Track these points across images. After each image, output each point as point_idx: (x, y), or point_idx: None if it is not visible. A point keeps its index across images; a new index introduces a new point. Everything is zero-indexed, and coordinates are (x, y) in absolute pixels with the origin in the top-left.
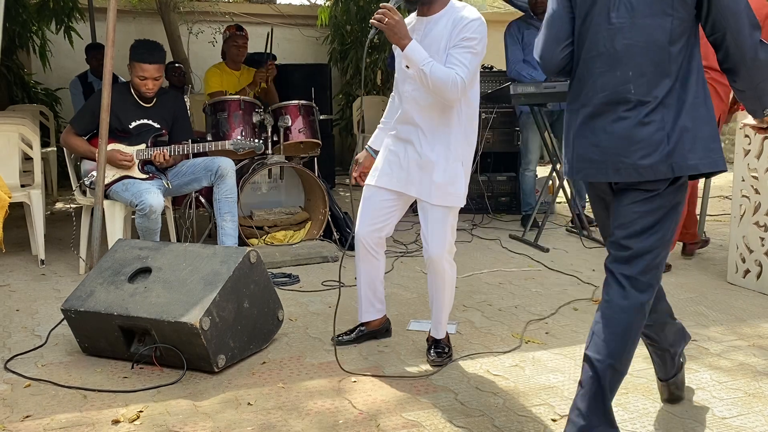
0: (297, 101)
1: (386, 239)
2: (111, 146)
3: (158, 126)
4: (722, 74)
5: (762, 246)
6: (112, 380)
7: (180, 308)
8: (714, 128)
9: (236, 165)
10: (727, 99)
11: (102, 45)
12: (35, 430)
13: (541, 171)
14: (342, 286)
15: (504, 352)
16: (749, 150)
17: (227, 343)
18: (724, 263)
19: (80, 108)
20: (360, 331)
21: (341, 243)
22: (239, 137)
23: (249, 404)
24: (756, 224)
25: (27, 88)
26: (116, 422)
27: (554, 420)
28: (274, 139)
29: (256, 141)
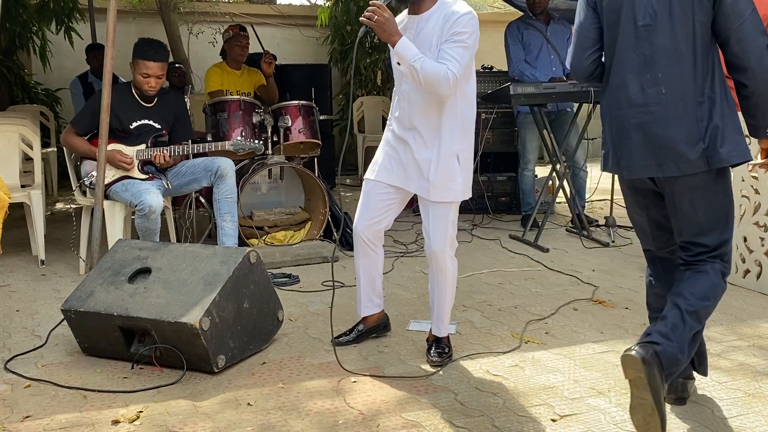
0: (297, 101)
1: (386, 239)
2: (111, 146)
3: (159, 126)
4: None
5: (762, 246)
6: (112, 380)
7: (180, 308)
8: (737, 122)
9: (236, 165)
10: None
11: (102, 45)
12: (35, 431)
13: (542, 171)
14: (340, 286)
15: (504, 353)
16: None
17: (227, 344)
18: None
19: (81, 108)
20: (358, 330)
21: (341, 243)
22: (239, 138)
23: (249, 404)
24: (756, 224)
25: (27, 89)
26: (116, 422)
27: (554, 420)
28: (274, 140)
29: (256, 142)
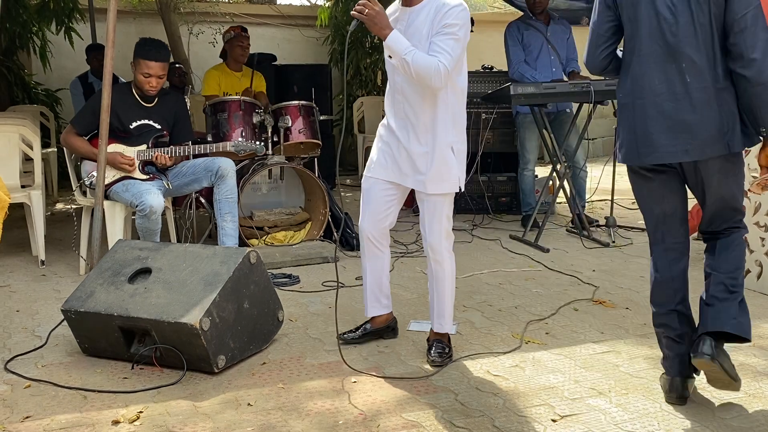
0: (297, 102)
1: (389, 237)
2: (112, 147)
3: (159, 126)
4: None
5: (762, 246)
6: (112, 381)
7: (180, 309)
8: (737, 110)
9: (236, 165)
10: None
11: (102, 45)
12: (35, 431)
13: (542, 171)
14: (341, 287)
15: (504, 353)
16: (749, 150)
17: (227, 344)
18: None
19: (81, 108)
20: (365, 329)
21: (341, 243)
22: (240, 138)
23: (249, 405)
24: (756, 224)
25: (27, 89)
26: (116, 423)
27: (554, 420)
28: (275, 140)
29: (257, 143)
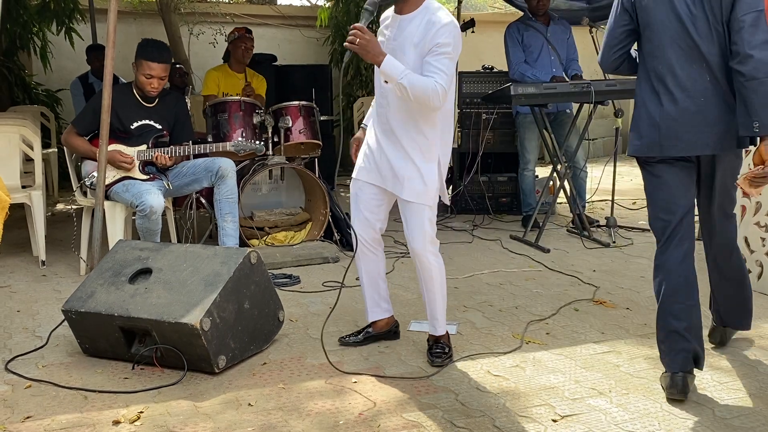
0: (297, 102)
1: (386, 240)
2: (112, 147)
3: (159, 127)
4: None
5: (763, 246)
6: (113, 381)
7: (180, 309)
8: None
9: (237, 166)
10: None
11: (103, 46)
12: (36, 431)
13: (542, 172)
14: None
15: (504, 353)
16: (750, 150)
17: (228, 344)
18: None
19: (82, 108)
20: (367, 333)
21: (342, 244)
22: (240, 139)
23: (249, 405)
24: (757, 224)
25: (28, 89)
26: (117, 423)
27: (555, 420)
28: (275, 140)
29: (257, 143)
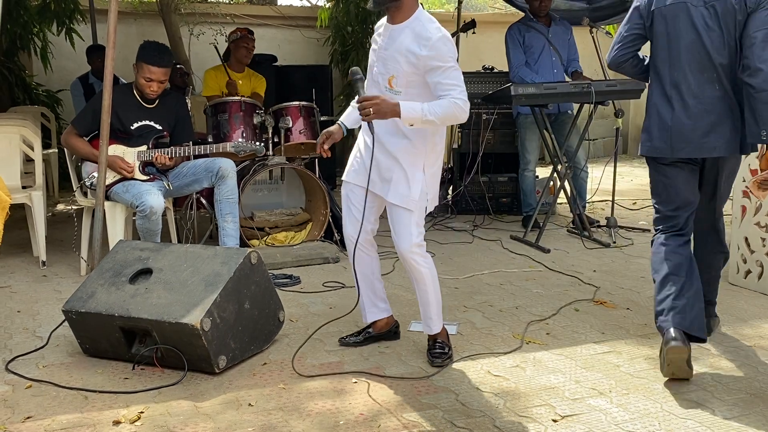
0: (298, 102)
1: (386, 240)
2: (113, 148)
3: (160, 127)
4: None
5: (763, 246)
6: (113, 381)
7: (181, 309)
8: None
9: (237, 166)
10: None
11: (103, 46)
12: (36, 431)
13: (543, 172)
14: (341, 287)
15: (505, 353)
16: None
17: (228, 344)
18: (726, 264)
19: (82, 109)
20: (367, 333)
21: (342, 244)
22: (240, 139)
23: (250, 405)
24: (757, 225)
25: (28, 90)
26: (117, 423)
27: (555, 420)
28: (275, 140)
29: (257, 144)
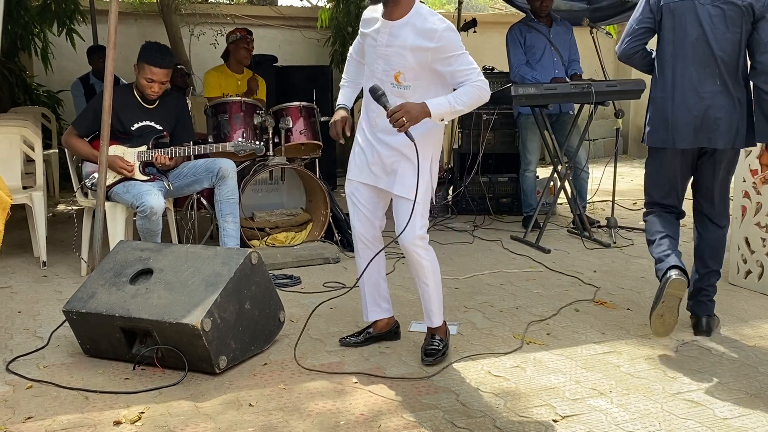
0: (298, 103)
1: (386, 240)
2: (113, 148)
3: (160, 128)
4: None
5: (763, 247)
6: (114, 381)
7: (181, 309)
8: (746, 113)
9: (237, 166)
10: None
11: (104, 47)
12: (37, 431)
13: (544, 172)
14: (341, 287)
15: (505, 353)
16: (750, 151)
17: (228, 345)
18: (726, 264)
19: (82, 109)
20: (368, 333)
21: (342, 244)
22: (240, 139)
23: (250, 405)
24: (757, 225)
25: (29, 90)
26: (118, 423)
27: (555, 421)
28: (276, 141)
29: (257, 143)
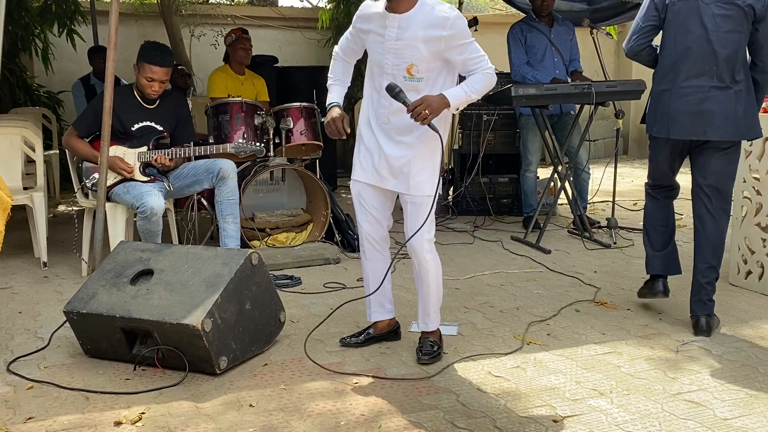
0: (298, 103)
1: (388, 239)
2: (113, 149)
3: (160, 128)
4: None
5: (764, 247)
6: (115, 382)
7: (182, 310)
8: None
9: (238, 167)
10: None
11: (105, 47)
12: None
13: (544, 173)
14: (342, 288)
15: (505, 354)
16: (750, 151)
17: (229, 345)
18: (726, 265)
19: (83, 110)
20: (368, 334)
21: (343, 245)
22: (241, 140)
23: (251, 406)
24: (758, 226)
25: (29, 91)
26: (118, 424)
27: (556, 421)
28: (276, 141)
29: (258, 144)
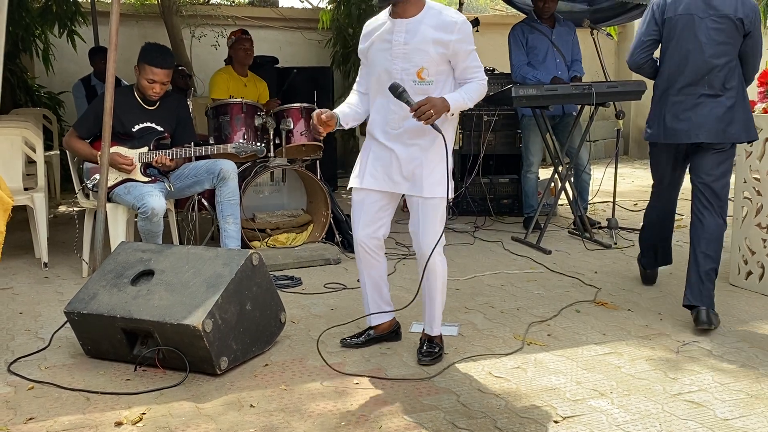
0: (299, 104)
1: (388, 241)
2: (114, 149)
3: (161, 129)
4: None
5: (764, 248)
6: (115, 382)
7: (182, 310)
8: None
9: (238, 168)
10: None
11: (105, 48)
12: None
13: (545, 173)
14: (342, 288)
15: (506, 354)
16: (751, 152)
17: (229, 346)
18: (727, 265)
19: (84, 111)
20: (368, 335)
21: (343, 245)
22: (241, 140)
23: (251, 406)
24: (758, 226)
25: (30, 92)
26: (119, 424)
27: (556, 422)
28: (276, 142)
29: (258, 145)
